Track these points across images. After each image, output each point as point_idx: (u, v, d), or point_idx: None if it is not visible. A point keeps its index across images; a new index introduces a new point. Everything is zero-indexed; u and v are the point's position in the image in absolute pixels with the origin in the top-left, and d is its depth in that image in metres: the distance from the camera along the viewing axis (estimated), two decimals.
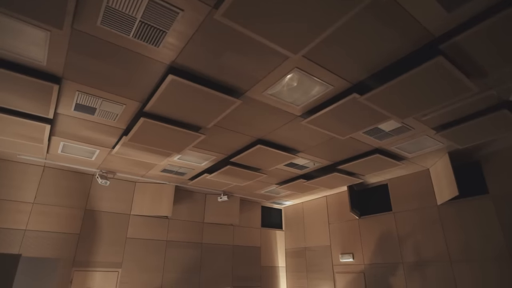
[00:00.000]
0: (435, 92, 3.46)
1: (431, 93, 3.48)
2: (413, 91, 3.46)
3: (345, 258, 7.58)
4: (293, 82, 3.60)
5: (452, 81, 3.26)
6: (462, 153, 5.58)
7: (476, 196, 5.63)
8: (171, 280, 7.19)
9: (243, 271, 8.37)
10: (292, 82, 3.59)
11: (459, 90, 3.40)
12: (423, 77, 3.22)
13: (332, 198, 8.34)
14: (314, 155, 5.69)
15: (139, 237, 7.08)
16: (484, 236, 5.41)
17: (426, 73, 3.16)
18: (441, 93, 3.48)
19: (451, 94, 3.47)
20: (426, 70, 3.10)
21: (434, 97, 3.55)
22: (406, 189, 6.74)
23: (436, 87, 3.37)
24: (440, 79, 3.22)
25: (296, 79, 3.54)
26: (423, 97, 3.56)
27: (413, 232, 6.40)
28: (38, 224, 6.02)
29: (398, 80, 3.29)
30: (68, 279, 6.06)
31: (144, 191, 7.31)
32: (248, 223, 8.96)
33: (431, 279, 5.93)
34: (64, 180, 6.52)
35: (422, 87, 3.38)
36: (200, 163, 6.12)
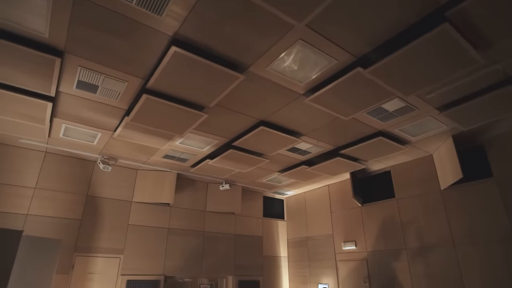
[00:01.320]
0: (440, 65, 3.42)
1: (436, 66, 3.44)
2: (418, 64, 3.42)
3: (347, 246, 7.55)
4: (297, 56, 3.57)
5: (458, 52, 3.23)
6: (466, 136, 5.54)
7: (480, 180, 5.59)
8: (173, 267, 7.17)
9: (245, 260, 8.35)
10: (296, 55, 3.56)
11: (465, 61, 3.36)
12: (428, 48, 3.19)
13: (335, 187, 8.31)
14: (317, 138, 5.66)
15: (141, 224, 7.06)
16: (488, 220, 5.37)
17: (431, 43, 3.12)
18: (446, 66, 3.44)
19: (457, 66, 3.43)
20: (431, 39, 3.07)
21: (439, 70, 3.51)
22: (409, 175, 6.70)
23: (441, 59, 3.33)
24: (445, 49, 3.19)
25: (300, 52, 3.50)
26: (427, 70, 3.52)
27: (416, 218, 6.36)
28: (39, 209, 6.01)
29: (402, 51, 3.25)
30: (70, 263, 6.06)
31: (145, 178, 7.30)
32: (250, 212, 8.94)
33: (434, 264, 5.89)
34: (65, 166, 6.50)
35: (427, 59, 3.34)
36: (202, 148, 6.09)
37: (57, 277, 5.71)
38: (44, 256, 4.53)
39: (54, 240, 4.74)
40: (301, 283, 8.40)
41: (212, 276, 7.88)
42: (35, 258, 4.45)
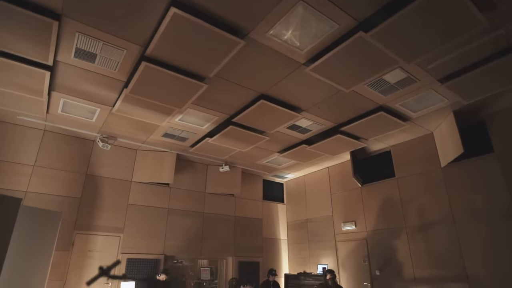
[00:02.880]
0: (443, 27, 3.38)
1: (438, 29, 3.40)
2: (420, 26, 3.37)
3: (347, 226, 7.57)
4: (298, 20, 3.51)
5: (461, 13, 3.18)
6: (467, 112, 5.51)
7: (481, 156, 5.58)
8: (173, 247, 7.19)
9: (245, 242, 8.37)
10: (297, 19, 3.50)
11: (468, 23, 3.31)
12: (430, 8, 3.14)
13: (334, 169, 8.31)
14: (318, 115, 5.62)
15: (141, 203, 7.06)
16: (489, 196, 5.37)
17: (433, 3, 3.07)
18: (449, 28, 3.40)
19: (460, 28, 3.39)
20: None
21: (441, 34, 3.47)
22: (409, 155, 6.69)
23: (444, 20, 3.28)
24: (448, 9, 3.14)
25: (301, 16, 3.45)
26: (430, 34, 3.48)
27: (417, 196, 6.37)
28: (39, 187, 5.98)
29: (404, 11, 3.20)
30: (70, 241, 6.06)
31: (145, 159, 7.27)
32: (249, 195, 8.94)
33: (434, 240, 5.91)
34: (64, 145, 6.47)
35: (429, 21, 3.30)
36: (201, 126, 6.05)
37: (57, 254, 5.70)
38: (45, 228, 4.52)
39: (54, 212, 4.72)
40: (301, 264, 8.44)
41: (212, 257, 7.91)
42: (36, 230, 4.43)
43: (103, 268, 1.22)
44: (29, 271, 4.19)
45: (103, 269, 1.23)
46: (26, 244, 4.24)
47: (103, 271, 1.22)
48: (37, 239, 4.39)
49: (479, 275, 5.21)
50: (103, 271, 1.22)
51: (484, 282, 5.13)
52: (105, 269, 1.23)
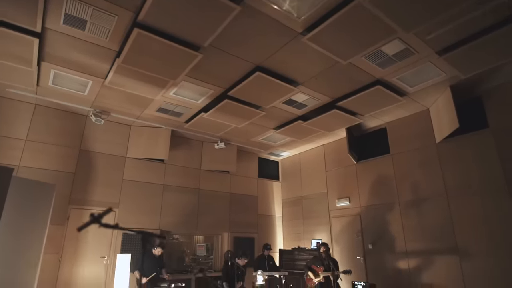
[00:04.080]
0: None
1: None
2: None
3: (341, 202, 7.66)
4: None
5: None
6: (464, 87, 5.48)
7: (476, 131, 5.59)
8: (169, 222, 7.23)
9: (240, 218, 8.45)
10: None
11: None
12: None
13: (330, 147, 8.32)
14: (314, 89, 5.55)
15: (136, 179, 7.03)
16: (482, 171, 5.43)
17: None
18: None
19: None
20: None
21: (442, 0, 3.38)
22: (405, 131, 6.69)
23: None
24: None
25: None
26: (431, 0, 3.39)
27: (411, 172, 6.42)
28: (31, 161, 5.91)
29: None
30: (65, 215, 6.05)
31: (139, 135, 7.19)
32: (245, 173, 8.96)
33: (427, 215, 6.01)
34: (57, 119, 6.36)
35: None
36: (196, 100, 5.96)
37: (53, 228, 5.70)
38: (39, 200, 4.49)
39: (48, 184, 4.68)
40: (295, 240, 8.58)
41: (208, 233, 7.99)
42: (30, 202, 4.40)
43: (94, 215, 1.18)
44: (24, 243, 4.19)
45: (94, 216, 1.19)
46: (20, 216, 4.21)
47: (94, 218, 1.18)
48: (31, 211, 4.37)
49: (469, 248, 5.34)
50: (94, 218, 1.19)
51: (474, 254, 5.26)
52: (96, 216, 1.20)
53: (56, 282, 5.70)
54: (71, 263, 5.92)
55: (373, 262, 6.71)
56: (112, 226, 1.29)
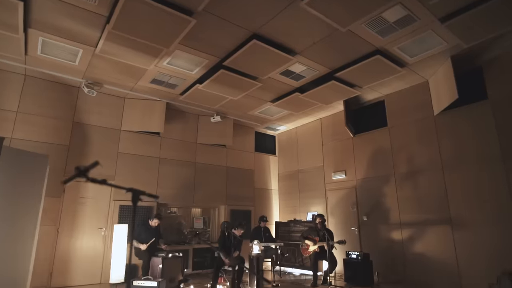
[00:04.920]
0: None
1: None
2: None
3: (337, 175, 7.70)
4: None
5: None
6: (465, 57, 5.36)
7: (475, 103, 5.54)
8: (166, 195, 7.25)
9: (236, 192, 8.51)
10: None
11: None
12: None
13: (327, 120, 8.26)
14: (312, 59, 5.41)
15: (131, 152, 6.98)
16: (478, 143, 5.42)
17: None
18: None
19: None
20: None
21: None
22: (403, 104, 6.62)
23: None
24: None
25: None
26: None
27: (407, 145, 6.41)
28: (24, 133, 5.81)
29: None
30: (61, 188, 6.03)
31: (134, 107, 7.06)
32: (241, 147, 8.93)
33: (421, 187, 6.06)
34: (48, 91, 6.19)
35: None
36: (191, 70, 5.80)
37: (49, 200, 5.69)
38: (32, 172, 4.42)
39: (41, 155, 4.61)
40: (291, 213, 8.69)
41: (205, 205, 8.06)
42: (23, 174, 4.34)
43: (79, 168, 1.13)
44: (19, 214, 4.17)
45: (80, 169, 1.13)
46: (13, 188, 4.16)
47: (79, 171, 1.13)
48: (24, 183, 4.31)
49: (462, 217, 5.42)
50: (80, 171, 1.13)
51: (466, 224, 5.35)
52: (82, 169, 1.14)
53: (54, 253, 5.77)
54: (68, 234, 5.96)
55: (367, 233, 6.83)
56: (99, 181, 1.23)
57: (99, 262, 6.14)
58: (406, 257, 6.06)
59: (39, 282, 5.47)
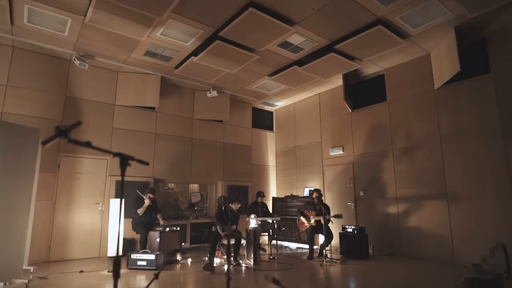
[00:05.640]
0: None
1: None
2: None
3: (335, 151, 7.66)
4: None
5: None
6: (469, 28, 5.18)
7: (477, 76, 5.41)
8: (162, 170, 7.22)
9: (234, 167, 8.49)
10: None
11: None
12: None
13: (325, 95, 8.12)
14: (311, 29, 5.21)
15: (126, 127, 6.86)
16: (478, 117, 5.34)
17: None
18: None
19: None
20: None
21: None
22: (403, 77, 6.48)
23: None
24: None
25: None
26: None
27: (406, 119, 6.33)
28: (14, 108, 5.66)
29: None
30: (56, 163, 5.96)
31: (127, 81, 6.88)
32: (239, 122, 8.83)
33: (419, 161, 6.04)
34: (38, 63, 5.99)
35: None
36: (186, 42, 5.60)
37: (44, 175, 5.65)
38: (24, 145, 4.32)
39: (31, 128, 4.49)
40: (288, 189, 8.73)
41: (202, 181, 8.05)
42: (14, 148, 4.24)
43: (60, 128, 1.04)
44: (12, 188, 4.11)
45: (60, 129, 1.04)
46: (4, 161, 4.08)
47: (60, 132, 1.04)
48: (16, 157, 4.22)
49: (458, 192, 5.44)
50: (60, 131, 1.04)
51: (462, 198, 5.37)
52: (62, 129, 1.05)
53: (52, 228, 5.78)
54: (65, 209, 5.95)
55: (363, 208, 6.89)
56: (82, 143, 1.14)
57: (97, 236, 6.18)
58: (401, 231, 6.14)
59: (38, 256, 5.52)
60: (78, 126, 1.13)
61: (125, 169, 1.36)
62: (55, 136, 1.08)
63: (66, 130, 1.08)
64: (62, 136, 1.09)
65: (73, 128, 1.09)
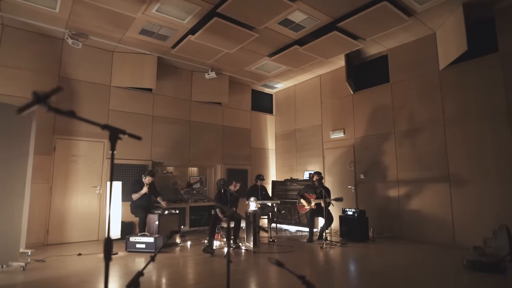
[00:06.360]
0: None
1: None
2: None
3: (336, 134, 7.54)
4: None
5: None
6: (477, 5, 4.97)
7: (483, 57, 5.24)
8: (160, 153, 7.11)
9: (233, 151, 8.38)
10: None
11: None
12: None
13: (326, 77, 7.93)
14: (313, 6, 4.98)
15: (123, 110, 6.70)
16: (483, 99, 5.20)
17: None
18: None
19: None
20: None
21: None
22: (407, 58, 6.29)
23: None
24: None
25: None
26: None
27: (409, 101, 6.19)
28: (5, 88, 5.48)
29: None
30: (51, 146, 5.84)
31: (123, 62, 6.67)
32: (238, 105, 8.66)
33: (422, 144, 5.93)
34: (29, 42, 5.76)
35: None
36: (183, 19, 5.37)
37: (39, 158, 5.54)
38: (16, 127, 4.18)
39: None
40: (288, 172, 8.66)
41: (201, 164, 7.96)
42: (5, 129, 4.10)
43: (38, 94, 0.91)
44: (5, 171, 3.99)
45: (38, 95, 0.92)
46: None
47: (37, 98, 0.91)
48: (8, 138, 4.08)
49: (460, 175, 5.36)
50: (38, 97, 0.91)
51: (464, 181, 5.30)
52: (41, 96, 0.93)
53: (49, 211, 5.71)
54: (62, 192, 5.87)
55: (363, 191, 6.83)
56: (65, 112, 1.02)
57: (96, 220, 6.12)
58: (402, 214, 6.10)
59: (36, 239, 5.47)
60: (58, 91, 1.00)
61: (115, 143, 1.24)
62: (32, 103, 0.95)
63: (45, 97, 0.96)
64: (40, 103, 0.96)
65: (53, 94, 0.96)
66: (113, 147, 1.23)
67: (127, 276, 3.62)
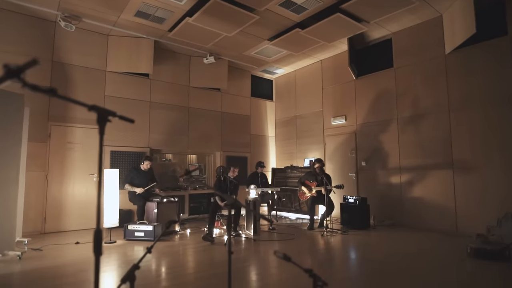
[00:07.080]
0: None
1: None
2: None
3: (337, 120, 7.40)
4: None
5: None
6: None
7: (491, 40, 5.06)
8: (159, 140, 6.98)
9: (232, 138, 8.25)
10: None
11: None
12: None
13: (328, 62, 7.74)
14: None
15: (119, 95, 6.53)
16: (490, 83, 5.05)
17: None
18: None
19: None
20: None
21: None
22: (412, 42, 6.10)
23: None
24: None
25: None
26: None
27: (413, 86, 6.03)
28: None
29: None
30: (46, 133, 5.69)
31: (119, 46, 6.45)
32: (237, 91, 8.48)
33: (424, 130, 5.82)
34: (20, 25, 5.54)
35: None
36: (179, 0, 5.14)
37: (34, 145, 5.41)
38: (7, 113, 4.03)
39: (14, 94, 4.17)
40: (288, 159, 8.56)
41: (200, 151, 7.84)
42: None
43: (9, 67, 0.78)
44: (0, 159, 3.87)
45: (10, 68, 0.78)
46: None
47: (9, 71, 0.78)
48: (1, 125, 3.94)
49: (464, 161, 5.26)
50: (10, 70, 0.78)
51: (468, 167, 5.20)
52: (13, 69, 0.79)
53: (46, 199, 5.61)
54: (59, 180, 5.76)
55: (365, 178, 6.75)
56: (44, 90, 0.89)
57: (93, 208, 6.03)
58: (403, 202, 6.03)
59: (33, 228, 5.40)
60: (33, 65, 0.86)
61: (103, 126, 1.11)
62: (4, 77, 0.82)
63: (18, 70, 0.82)
64: (13, 78, 0.83)
65: (27, 67, 0.83)
66: (102, 130, 1.11)
67: (125, 265, 3.55)
